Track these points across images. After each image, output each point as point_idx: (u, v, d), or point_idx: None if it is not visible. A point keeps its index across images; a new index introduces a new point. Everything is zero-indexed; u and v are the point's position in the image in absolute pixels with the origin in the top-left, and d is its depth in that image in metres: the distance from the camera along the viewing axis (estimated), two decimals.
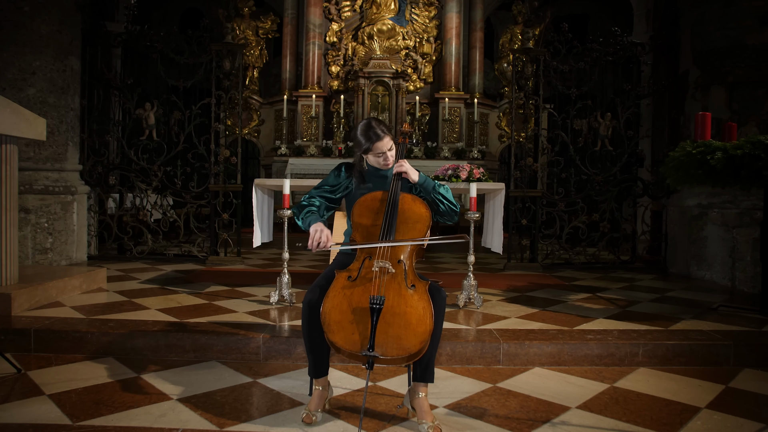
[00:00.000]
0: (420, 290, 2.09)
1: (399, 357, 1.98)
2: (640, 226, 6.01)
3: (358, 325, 2.00)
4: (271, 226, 4.25)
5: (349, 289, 2.09)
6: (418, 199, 2.34)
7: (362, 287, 2.09)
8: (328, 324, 2.02)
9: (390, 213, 2.24)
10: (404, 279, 2.11)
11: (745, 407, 2.40)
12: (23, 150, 5.14)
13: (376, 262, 2.13)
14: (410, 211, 2.29)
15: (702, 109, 5.19)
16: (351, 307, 2.04)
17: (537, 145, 5.88)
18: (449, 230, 9.34)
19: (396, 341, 1.98)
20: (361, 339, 1.98)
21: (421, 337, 1.99)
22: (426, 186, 2.41)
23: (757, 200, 4.58)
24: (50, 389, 2.45)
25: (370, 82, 10.14)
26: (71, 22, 5.50)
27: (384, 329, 1.98)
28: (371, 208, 2.30)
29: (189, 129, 5.81)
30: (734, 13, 5.17)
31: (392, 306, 2.02)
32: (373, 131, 2.35)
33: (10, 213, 3.48)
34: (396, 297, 2.05)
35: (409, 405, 2.22)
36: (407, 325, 2.00)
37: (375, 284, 2.07)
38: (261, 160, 11.11)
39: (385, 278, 2.09)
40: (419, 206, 2.31)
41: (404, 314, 2.02)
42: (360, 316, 2.01)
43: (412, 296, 2.07)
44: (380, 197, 2.32)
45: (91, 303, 3.69)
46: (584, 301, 4.08)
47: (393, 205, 2.26)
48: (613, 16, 10.45)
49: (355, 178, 2.46)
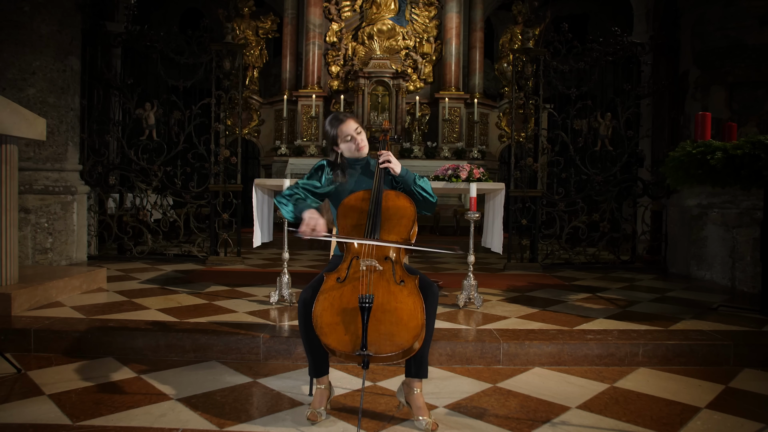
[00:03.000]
0: (410, 285, 2.09)
1: (393, 354, 1.98)
2: (640, 226, 6.01)
3: (350, 326, 2.00)
4: (271, 226, 4.25)
5: (338, 291, 2.09)
6: (402, 194, 2.36)
7: (351, 287, 2.08)
8: (320, 327, 2.02)
9: (374, 211, 2.25)
10: (393, 275, 2.11)
11: (745, 407, 2.40)
12: (23, 150, 5.14)
13: (362, 261, 2.14)
14: (395, 207, 2.30)
15: (702, 109, 5.19)
16: (341, 308, 2.04)
17: (537, 145, 5.88)
18: (449, 230, 9.35)
19: (389, 338, 1.98)
20: (354, 339, 1.98)
21: (413, 331, 1.99)
22: (407, 179, 2.42)
23: (757, 200, 4.58)
24: (50, 389, 2.45)
25: (370, 82, 10.14)
26: (71, 22, 5.50)
27: (375, 327, 1.98)
28: (355, 208, 2.30)
29: (189, 129, 5.82)
30: (734, 13, 5.17)
31: (382, 303, 2.02)
32: (335, 117, 2.45)
33: (10, 213, 3.48)
34: (385, 294, 2.05)
35: (403, 400, 2.21)
36: (398, 321, 2.00)
37: (363, 283, 2.07)
38: (261, 160, 11.12)
39: (372, 276, 2.09)
40: (403, 201, 2.32)
41: (395, 310, 2.02)
42: (351, 317, 2.01)
43: (401, 292, 2.07)
44: (364, 196, 2.33)
45: (91, 303, 3.69)
46: (584, 301, 4.07)
47: (377, 203, 2.27)
48: (613, 16, 10.45)
49: (337, 172, 2.46)
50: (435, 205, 2.50)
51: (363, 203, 2.31)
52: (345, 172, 2.46)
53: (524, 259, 5.75)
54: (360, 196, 2.33)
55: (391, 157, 2.39)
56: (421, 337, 2.01)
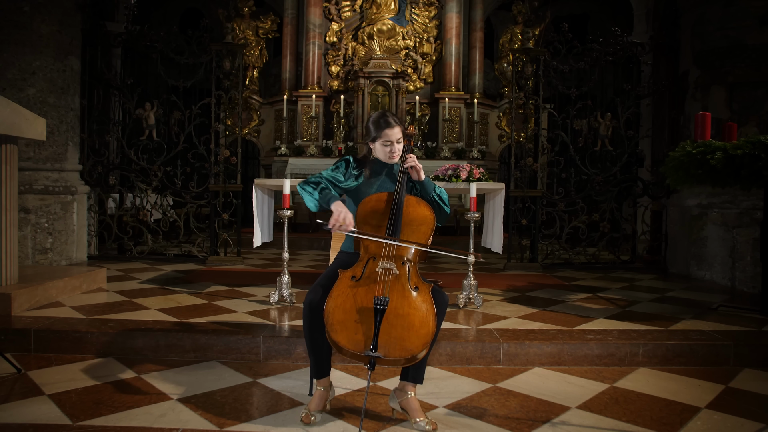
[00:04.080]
0: (423, 292, 2.09)
1: (401, 358, 1.99)
2: (640, 226, 6.01)
3: (362, 325, 2.01)
4: (271, 226, 4.25)
5: (352, 289, 2.08)
6: (423, 202, 2.33)
7: (366, 287, 2.08)
8: (332, 323, 2.02)
9: (395, 214, 2.23)
10: (408, 281, 2.11)
11: (745, 407, 2.40)
12: (23, 150, 5.14)
13: (380, 262, 2.13)
14: (415, 213, 2.28)
15: (702, 109, 5.19)
16: (355, 307, 2.04)
17: (537, 145, 5.88)
18: (449, 230, 9.35)
19: (399, 342, 1.99)
20: (365, 339, 1.99)
21: (424, 339, 1.99)
22: (427, 187, 2.41)
23: (757, 200, 4.58)
24: (50, 389, 2.45)
25: (370, 82, 10.14)
26: (71, 22, 5.50)
27: (387, 330, 1.99)
28: (376, 209, 2.28)
29: (189, 129, 5.82)
30: (734, 13, 5.17)
31: (396, 307, 2.03)
32: (385, 119, 2.40)
33: (10, 213, 3.48)
34: (400, 298, 2.05)
35: (397, 407, 2.21)
36: (410, 327, 2.01)
37: (379, 285, 2.07)
38: (261, 160, 11.11)
39: (389, 279, 2.09)
40: (424, 209, 2.30)
41: (407, 316, 2.02)
42: (363, 317, 2.02)
43: (415, 298, 2.07)
44: (385, 198, 2.30)
45: (91, 303, 3.69)
46: (584, 301, 4.07)
47: (398, 207, 2.25)
48: (613, 16, 10.45)
49: (363, 168, 2.44)
50: (448, 216, 2.48)
51: (385, 205, 2.28)
52: (371, 171, 2.45)
53: (524, 259, 5.75)
54: (383, 198, 2.30)
55: (417, 162, 2.37)
56: (429, 344, 2.02)
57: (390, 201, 2.28)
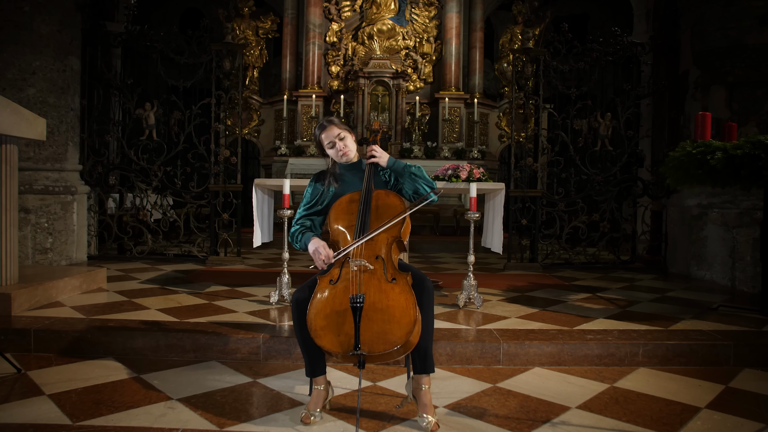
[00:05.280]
0: (401, 282, 2.10)
1: (387, 351, 1.98)
2: (640, 226, 6.01)
3: (343, 326, 2.02)
4: (271, 226, 4.25)
5: (331, 293, 2.11)
6: (392, 193, 2.36)
7: (343, 288, 2.10)
8: (315, 330, 2.04)
9: (363, 210, 2.26)
10: (384, 273, 2.12)
11: (745, 407, 2.40)
12: (23, 150, 5.14)
13: (352, 261, 2.15)
14: (384, 205, 2.30)
15: (702, 109, 5.19)
16: (334, 310, 2.06)
17: (537, 145, 5.88)
18: (449, 230, 9.35)
19: (381, 336, 1.99)
20: (347, 339, 1.99)
21: (406, 328, 2.00)
22: (396, 168, 2.43)
23: (757, 200, 4.58)
24: (50, 389, 2.45)
25: (370, 82, 10.14)
26: (71, 22, 5.50)
27: (368, 326, 2.00)
28: (345, 210, 2.31)
29: (189, 129, 5.82)
30: (734, 13, 5.17)
31: (374, 302, 2.04)
32: (320, 124, 2.50)
33: (10, 213, 3.48)
34: (377, 293, 2.06)
35: (410, 395, 2.22)
36: (391, 319, 2.01)
37: (354, 283, 2.09)
38: (261, 160, 11.12)
39: (363, 276, 2.11)
40: (393, 199, 2.32)
41: (387, 309, 2.03)
42: (344, 318, 2.03)
43: (393, 289, 2.07)
44: (353, 198, 2.34)
45: (91, 303, 3.69)
46: (584, 301, 4.07)
47: (366, 203, 2.28)
48: (613, 16, 10.46)
49: (330, 179, 2.48)
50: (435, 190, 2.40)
51: (352, 205, 2.31)
52: (336, 178, 2.47)
53: (524, 259, 5.75)
54: (349, 198, 2.34)
55: (376, 150, 2.40)
56: (415, 331, 2.02)
57: (357, 200, 2.32)
